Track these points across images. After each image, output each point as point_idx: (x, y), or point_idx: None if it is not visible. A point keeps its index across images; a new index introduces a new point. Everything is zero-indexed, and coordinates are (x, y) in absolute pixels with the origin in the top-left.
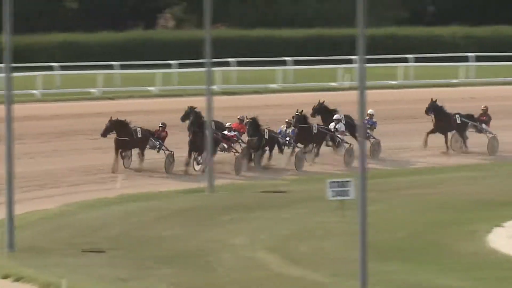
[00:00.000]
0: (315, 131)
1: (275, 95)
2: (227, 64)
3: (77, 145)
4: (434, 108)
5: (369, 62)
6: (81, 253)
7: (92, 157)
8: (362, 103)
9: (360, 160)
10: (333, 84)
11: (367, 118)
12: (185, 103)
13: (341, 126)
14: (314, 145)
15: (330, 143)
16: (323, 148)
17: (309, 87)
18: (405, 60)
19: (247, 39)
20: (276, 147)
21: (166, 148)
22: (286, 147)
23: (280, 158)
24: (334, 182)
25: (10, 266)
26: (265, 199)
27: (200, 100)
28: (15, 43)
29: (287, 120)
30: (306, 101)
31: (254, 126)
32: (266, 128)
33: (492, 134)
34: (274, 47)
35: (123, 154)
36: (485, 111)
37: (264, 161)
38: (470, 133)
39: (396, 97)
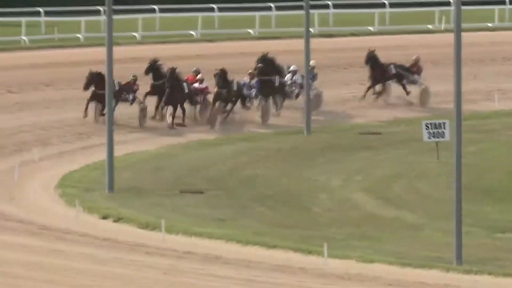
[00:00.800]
0: (277, 84)
1: (372, 37)
2: (325, 6)
3: None
4: (370, 59)
5: (465, 5)
6: (179, 194)
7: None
8: (458, 46)
9: (455, 103)
10: (429, 26)
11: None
12: (282, 45)
13: (298, 78)
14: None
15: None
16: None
17: (405, 29)
18: (503, 2)
19: None
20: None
21: (140, 101)
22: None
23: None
24: (429, 123)
25: (109, 207)
26: (361, 141)
27: (297, 42)
28: None
29: (250, 71)
30: (402, 44)
31: (223, 77)
32: (234, 80)
33: (424, 85)
34: None
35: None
36: (416, 61)
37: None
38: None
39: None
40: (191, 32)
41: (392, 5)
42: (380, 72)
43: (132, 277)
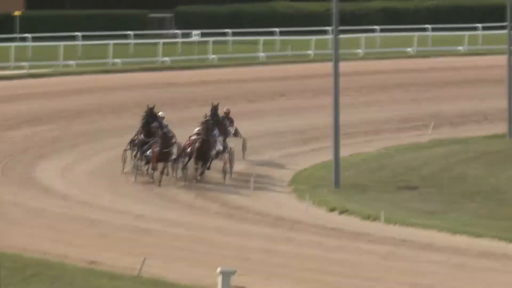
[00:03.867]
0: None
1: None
2: None
3: (395, 97)
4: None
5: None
6: (396, 190)
7: (406, 108)
8: None
9: None
10: (459, 48)
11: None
12: (486, 60)
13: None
14: None
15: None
16: None
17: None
18: None
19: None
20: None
21: None
22: None
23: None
24: None
25: (336, 201)
26: None
27: (501, 58)
28: (341, 9)
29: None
30: None
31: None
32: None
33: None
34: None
35: None
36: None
37: None
38: None
39: None
40: (407, 49)
41: None
42: None
43: (355, 262)
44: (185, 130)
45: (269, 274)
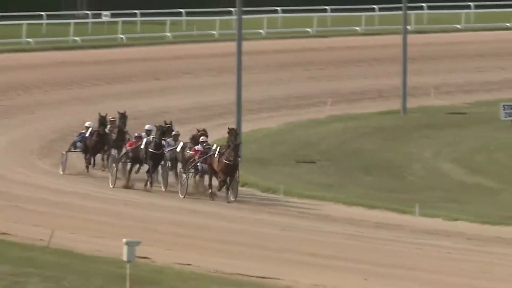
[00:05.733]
0: None
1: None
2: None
3: (296, 75)
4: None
5: None
6: (296, 164)
7: (306, 85)
8: None
9: None
10: (356, 28)
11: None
12: (381, 40)
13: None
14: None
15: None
16: None
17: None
18: None
19: None
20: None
21: None
22: None
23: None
24: (506, 105)
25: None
26: (450, 120)
27: (396, 38)
28: None
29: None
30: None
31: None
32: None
33: None
34: None
35: None
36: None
37: None
38: None
39: None
40: (307, 29)
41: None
42: None
43: (256, 233)
44: (94, 106)
45: (173, 245)
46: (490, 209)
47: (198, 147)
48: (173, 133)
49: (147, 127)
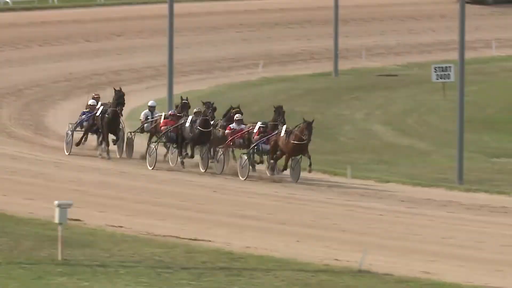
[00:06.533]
0: None
1: None
2: None
3: (228, 37)
4: None
5: None
6: None
7: (238, 47)
8: None
9: (459, 50)
10: None
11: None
12: (313, 2)
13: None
14: None
15: None
16: None
17: None
18: None
19: None
20: None
21: None
22: None
23: None
24: (437, 67)
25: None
26: (381, 82)
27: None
28: None
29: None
30: None
31: None
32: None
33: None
34: None
35: None
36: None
37: None
38: None
39: None
40: None
41: None
42: None
43: (188, 194)
44: (26, 68)
45: (104, 206)
46: (422, 170)
47: (233, 125)
48: (195, 110)
49: (150, 103)
